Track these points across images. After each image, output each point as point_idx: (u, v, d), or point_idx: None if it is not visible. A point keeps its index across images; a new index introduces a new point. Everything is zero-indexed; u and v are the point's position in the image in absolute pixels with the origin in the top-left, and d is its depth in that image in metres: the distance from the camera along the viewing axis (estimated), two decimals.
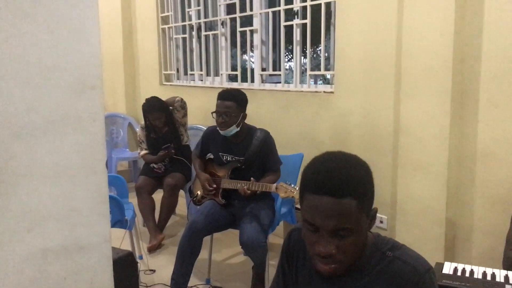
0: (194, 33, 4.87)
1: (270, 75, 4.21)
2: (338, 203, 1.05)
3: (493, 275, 1.65)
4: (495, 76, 2.45)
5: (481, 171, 2.56)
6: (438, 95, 2.59)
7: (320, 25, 3.48)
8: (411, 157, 2.77)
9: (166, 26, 5.21)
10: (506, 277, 1.63)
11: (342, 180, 1.07)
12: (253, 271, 2.87)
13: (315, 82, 3.86)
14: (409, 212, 2.81)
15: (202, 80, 4.86)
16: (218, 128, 2.84)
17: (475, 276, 1.65)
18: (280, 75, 3.93)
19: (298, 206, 3.51)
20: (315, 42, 4.07)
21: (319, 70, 3.69)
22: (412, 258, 1.17)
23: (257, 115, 3.80)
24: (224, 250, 3.52)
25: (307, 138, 3.61)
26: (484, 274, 1.66)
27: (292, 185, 2.59)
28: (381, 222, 3.13)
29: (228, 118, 2.77)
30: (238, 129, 2.81)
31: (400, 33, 2.77)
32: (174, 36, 5.16)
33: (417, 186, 2.75)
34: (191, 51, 4.97)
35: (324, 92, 3.51)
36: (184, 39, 5.05)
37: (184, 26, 5.01)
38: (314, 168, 1.13)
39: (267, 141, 2.80)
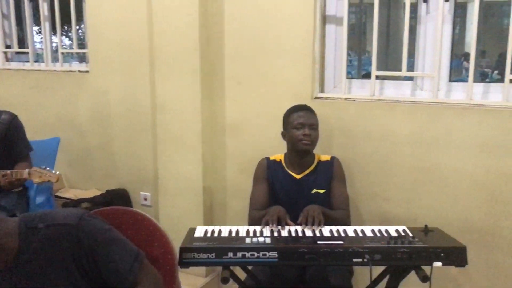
0: None
1: (17, 53, 3.80)
2: None
3: (237, 231, 1.88)
4: (236, 55, 2.73)
5: (231, 143, 2.85)
6: (189, 74, 2.75)
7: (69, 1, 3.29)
8: (169, 133, 2.89)
9: None
10: (248, 232, 1.88)
11: None
12: None
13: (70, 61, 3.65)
14: (171, 186, 2.94)
15: None
16: None
17: (222, 234, 1.85)
18: (28, 53, 3.59)
19: (58, 194, 3.31)
20: (68, 20, 3.83)
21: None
22: (61, 217, 1.23)
23: (2, 97, 3.41)
24: None
25: (64, 120, 3.41)
26: (230, 231, 1.88)
27: (48, 169, 2.37)
28: (145, 199, 3.20)
29: None
30: None
31: (150, 13, 2.82)
32: None
33: (176, 160, 2.89)
34: None
35: (79, 71, 3.36)
36: None
37: None
38: None
39: (14, 125, 2.53)
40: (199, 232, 1.88)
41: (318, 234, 1.87)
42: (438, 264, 1.71)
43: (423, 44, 2.47)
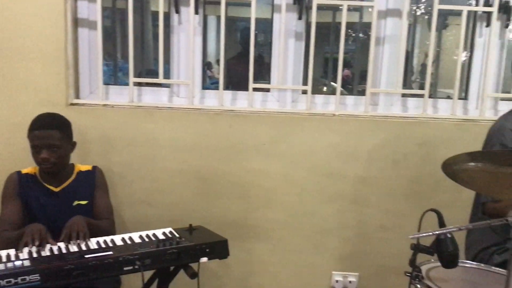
0: None
1: None
2: None
3: None
4: None
5: None
6: None
7: None
8: None
9: None
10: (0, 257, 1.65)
11: None
12: None
13: None
14: None
15: None
16: None
17: None
18: None
19: None
20: None
21: None
22: None
23: None
24: None
25: None
26: None
27: None
28: None
29: None
30: None
31: None
32: None
33: None
34: None
35: None
36: None
37: None
38: None
39: None
40: None
41: (84, 248, 1.77)
42: (204, 259, 1.82)
43: (177, 52, 2.59)
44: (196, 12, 2.48)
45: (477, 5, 2.56)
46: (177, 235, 1.92)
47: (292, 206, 2.54)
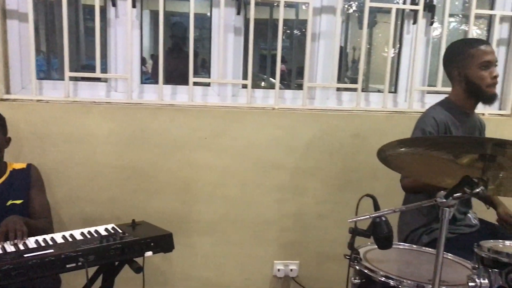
0: None
1: None
2: None
3: None
4: None
5: None
6: None
7: None
8: None
9: None
10: None
11: None
12: None
13: None
14: None
15: None
16: None
17: None
18: None
19: None
20: None
21: None
22: None
23: None
24: None
25: None
26: None
27: None
28: None
29: None
30: None
31: None
32: None
33: None
34: None
35: None
36: None
37: None
38: None
39: None
40: None
41: (22, 247, 1.70)
42: (149, 253, 1.81)
43: (114, 47, 2.54)
44: (134, 6, 2.45)
45: (404, 3, 2.72)
46: (120, 231, 1.89)
47: (234, 198, 2.58)
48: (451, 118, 2.10)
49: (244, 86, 2.60)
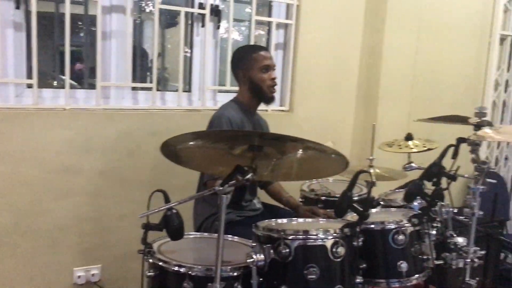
0: None
1: None
2: None
3: None
4: None
5: None
6: None
7: None
8: None
9: None
10: None
11: None
12: None
13: None
14: None
15: None
16: None
17: None
18: None
19: None
20: None
21: None
22: None
23: None
24: None
25: None
26: None
27: None
28: None
29: None
30: None
31: None
32: None
33: None
34: None
35: None
36: None
37: None
38: None
39: None
40: None
41: None
42: None
43: None
44: None
45: (192, 7, 2.86)
46: None
47: (23, 207, 2.39)
48: (243, 117, 2.31)
49: (30, 86, 2.43)
